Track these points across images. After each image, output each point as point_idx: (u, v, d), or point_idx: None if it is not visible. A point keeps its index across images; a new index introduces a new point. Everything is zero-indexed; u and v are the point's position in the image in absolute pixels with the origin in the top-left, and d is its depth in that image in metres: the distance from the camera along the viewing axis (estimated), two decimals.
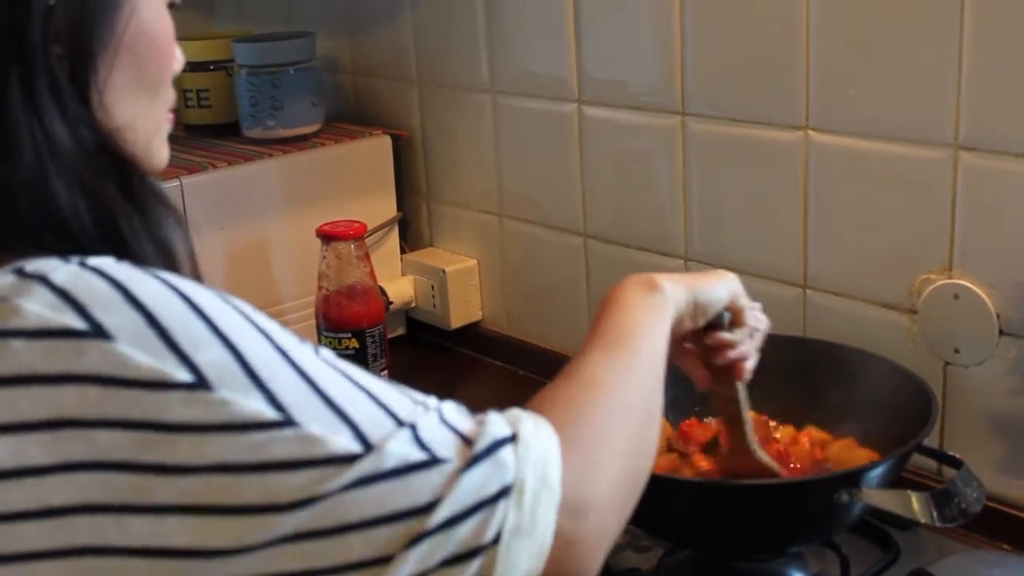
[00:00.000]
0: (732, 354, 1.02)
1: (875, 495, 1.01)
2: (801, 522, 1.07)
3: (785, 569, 1.13)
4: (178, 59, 0.78)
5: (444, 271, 1.74)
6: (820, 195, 1.30)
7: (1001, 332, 1.18)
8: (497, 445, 0.67)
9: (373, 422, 0.64)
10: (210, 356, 0.61)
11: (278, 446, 0.61)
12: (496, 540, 0.65)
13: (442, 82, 1.73)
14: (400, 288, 1.77)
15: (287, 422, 0.62)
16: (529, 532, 0.66)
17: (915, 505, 0.99)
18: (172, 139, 0.80)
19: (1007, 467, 1.20)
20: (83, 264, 0.62)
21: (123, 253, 0.66)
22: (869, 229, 1.26)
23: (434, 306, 1.77)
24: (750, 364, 1.04)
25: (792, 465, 1.13)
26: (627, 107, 1.47)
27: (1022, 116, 1.11)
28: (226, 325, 0.63)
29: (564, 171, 1.57)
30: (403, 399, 0.68)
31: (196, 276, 0.73)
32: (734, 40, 1.33)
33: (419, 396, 0.69)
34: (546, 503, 0.67)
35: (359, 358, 1.54)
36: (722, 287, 1.00)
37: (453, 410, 0.70)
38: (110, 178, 0.68)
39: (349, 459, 0.62)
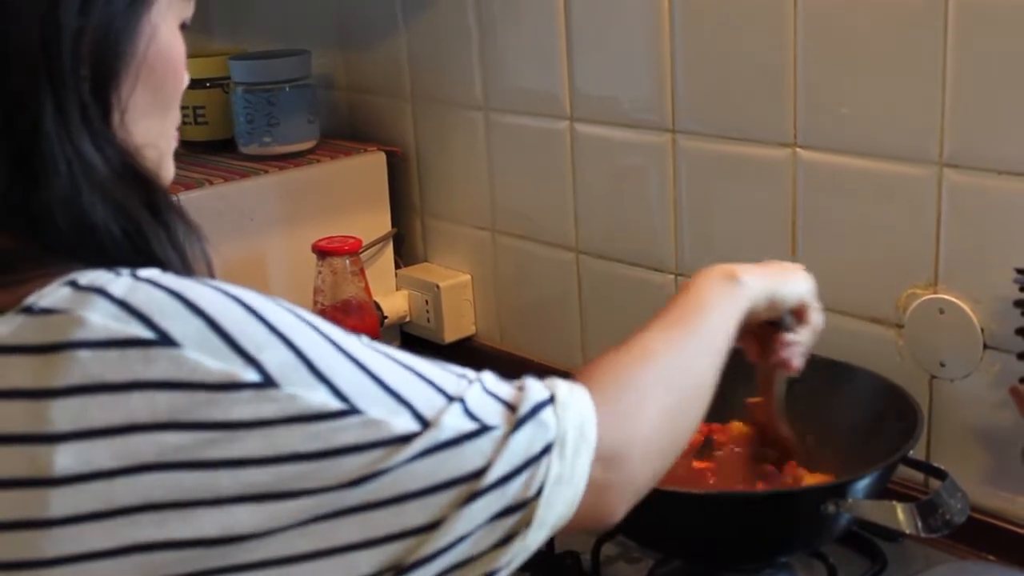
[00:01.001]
0: (786, 352, 1.06)
1: (862, 506, 1.03)
2: (788, 533, 1.09)
3: None
4: (186, 79, 0.80)
5: (438, 286, 1.75)
6: (808, 211, 1.31)
7: (985, 346, 1.19)
8: (539, 407, 0.72)
9: (426, 400, 0.68)
10: (274, 355, 0.64)
11: (345, 433, 0.65)
12: (539, 492, 0.70)
13: (436, 99, 1.75)
14: (395, 303, 1.79)
15: (351, 410, 0.65)
16: (568, 480, 0.72)
17: (900, 516, 1.00)
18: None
19: (991, 479, 1.21)
20: (135, 276, 0.65)
21: (152, 265, 0.68)
22: (856, 245, 1.28)
23: (428, 321, 1.78)
24: (801, 360, 1.08)
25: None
26: (619, 124, 1.49)
27: (1006, 134, 1.13)
28: (282, 325, 0.66)
29: (557, 187, 1.59)
30: (448, 375, 0.72)
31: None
32: (724, 59, 1.35)
33: (460, 369, 0.74)
34: (584, 454, 0.73)
35: None
36: (800, 285, 1.04)
37: (493, 380, 0.74)
38: (137, 195, 0.71)
39: (410, 437, 0.66)
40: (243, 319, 0.65)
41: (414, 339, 1.82)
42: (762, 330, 1.07)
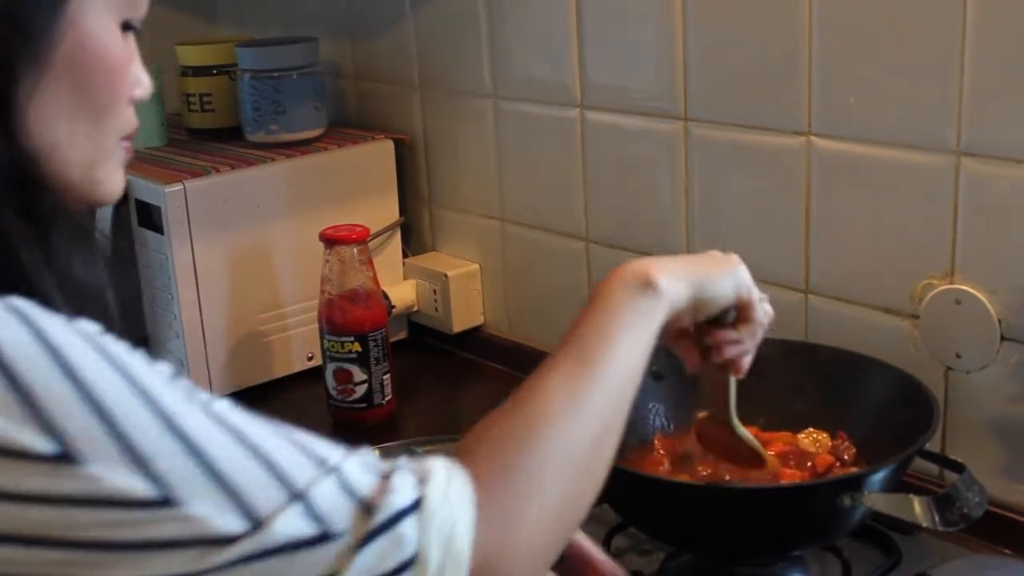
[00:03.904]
0: (730, 352, 0.97)
1: (877, 499, 1.02)
2: (803, 526, 1.07)
3: (787, 573, 1.14)
4: (142, 84, 0.73)
5: (446, 275, 1.74)
6: (822, 200, 1.30)
7: (1003, 337, 1.18)
8: (397, 517, 0.62)
9: (263, 494, 0.60)
10: (79, 426, 0.56)
11: (156, 526, 0.57)
12: None
13: (444, 87, 1.74)
14: (402, 292, 1.78)
15: (165, 501, 0.57)
16: None
17: (917, 509, 0.99)
18: (175, 143, 0.76)
19: (1008, 472, 1.20)
20: None
21: (19, 286, 0.62)
22: (871, 234, 1.26)
23: (436, 310, 1.77)
24: (748, 360, 0.98)
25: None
26: (630, 112, 1.47)
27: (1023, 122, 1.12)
28: (101, 391, 0.58)
29: (566, 176, 1.58)
30: (302, 461, 0.62)
31: (106, 318, 0.67)
32: (737, 46, 1.34)
33: (323, 451, 0.64)
34: (451, 574, 0.63)
35: (362, 361, 1.54)
36: (729, 280, 0.93)
37: (357, 468, 0.64)
38: (14, 202, 0.63)
39: (231, 539, 0.58)
40: (52, 379, 0.56)
41: (422, 328, 1.81)
42: (700, 330, 0.97)
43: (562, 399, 0.74)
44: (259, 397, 1.64)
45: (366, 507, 0.62)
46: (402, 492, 0.63)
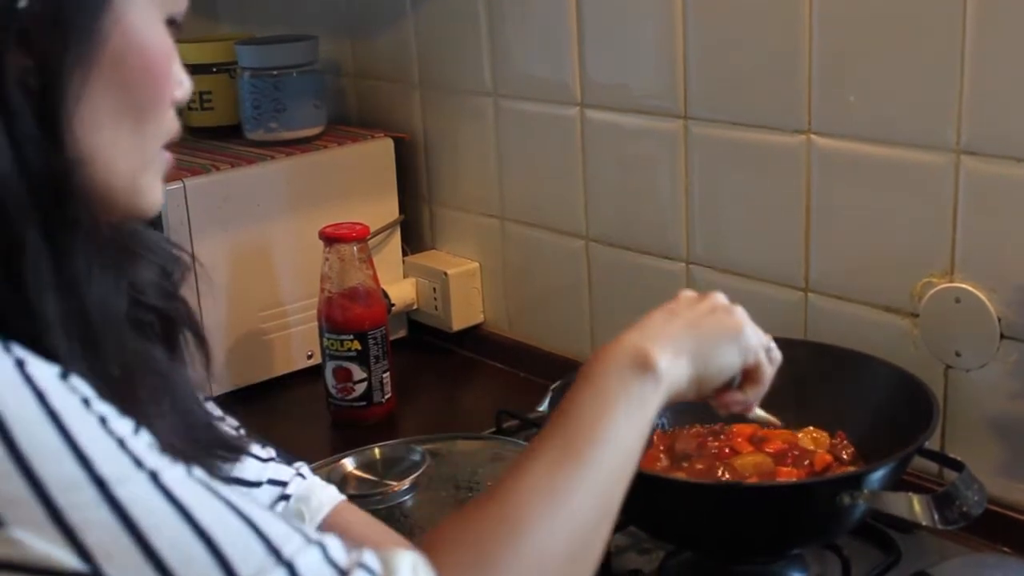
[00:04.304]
0: (736, 410, 0.92)
1: (877, 497, 1.02)
2: (803, 524, 1.07)
3: (786, 571, 1.14)
4: (182, 85, 0.69)
5: (446, 274, 1.74)
6: (822, 199, 1.30)
7: (1002, 336, 1.18)
8: None
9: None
10: (3, 488, 0.52)
11: None
12: None
13: (444, 85, 1.74)
14: (402, 291, 1.77)
15: (92, 574, 0.53)
16: None
17: (916, 507, 0.99)
18: (175, 141, 0.71)
19: (1008, 470, 1.20)
20: None
21: (18, 300, 0.58)
22: (871, 233, 1.26)
23: (436, 308, 1.77)
24: (753, 410, 0.94)
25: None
26: (629, 111, 1.47)
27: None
28: (31, 446, 0.53)
29: (566, 174, 1.57)
30: (253, 546, 0.57)
31: (120, 349, 0.64)
32: (737, 44, 1.34)
33: (279, 538, 0.58)
34: None
35: (361, 360, 1.54)
36: (734, 350, 0.87)
37: (315, 561, 0.59)
38: (39, 214, 0.59)
39: None
40: None
41: (422, 327, 1.81)
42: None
43: (543, 496, 0.68)
44: (259, 395, 1.64)
45: None
46: None
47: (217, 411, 0.88)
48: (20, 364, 0.55)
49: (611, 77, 1.49)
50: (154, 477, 0.56)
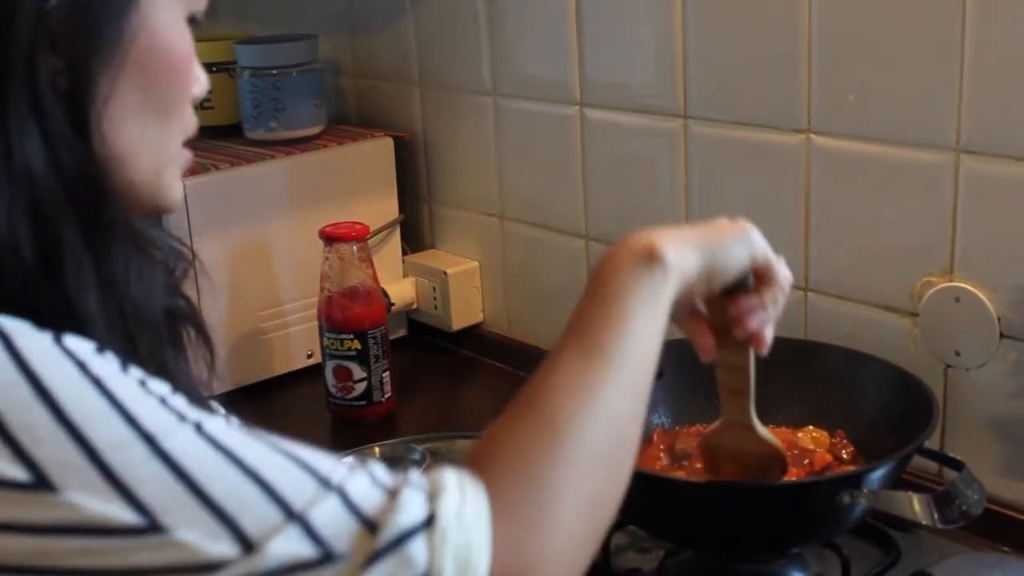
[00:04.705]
0: (755, 322, 0.89)
1: (877, 497, 1.02)
2: (802, 524, 1.07)
3: (786, 570, 1.14)
4: (200, 82, 0.70)
5: (446, 273, 1.74)
6: (821, 198, 1.30)
7: (1002, 335, 1.18)
8: (405, 536, 0.58)
9: (258, 516, 0.57)
10: (53, 452, 0.54)
11: (142, 553, 0.55)
12: None
13: (444, 84, 1.74)
14: (402, 290, 1.77)
15: (151, 527, 0.55)
16: None
17: (916, 507, 0.99)
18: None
19: (1008, 469, 1.20)
20: None
21: (60, 299, 0.60)
22: (870, 232, 1.26)
23: (435, 308, 1.77)
24: (770, 333, 0.91)
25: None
26: (629, 110, 1.47)
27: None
28: (79, 414, 0.55)
29: (566, 174, 1.57)
30: (302, 479, 0.59)
31: (159, 339, 0.66)
32: (736, 43, 1.34)
33: (326, 468, 0.60)
34: None
35: (361, 359, 1.54)
36: (743, 245, 0.87)
37: (362, 485, 0.60)
38: (76, 213, 0.61)
39: (222, 564, 0.55)
40: (27, 403, 0.54)
41: (421, 326, 1.81)
42: (714, 309, 0.91)
43: (578, 394, 0.69)
44: (259, 394, 1.64)
45: (371, 526, 0.58)
46: (410, 509, 0.59)
47: (221, 409, 0.88)
48: (58, 338, 0.57)
49: (611, 76, 1.49)
50: (198, 428, 0.58)
